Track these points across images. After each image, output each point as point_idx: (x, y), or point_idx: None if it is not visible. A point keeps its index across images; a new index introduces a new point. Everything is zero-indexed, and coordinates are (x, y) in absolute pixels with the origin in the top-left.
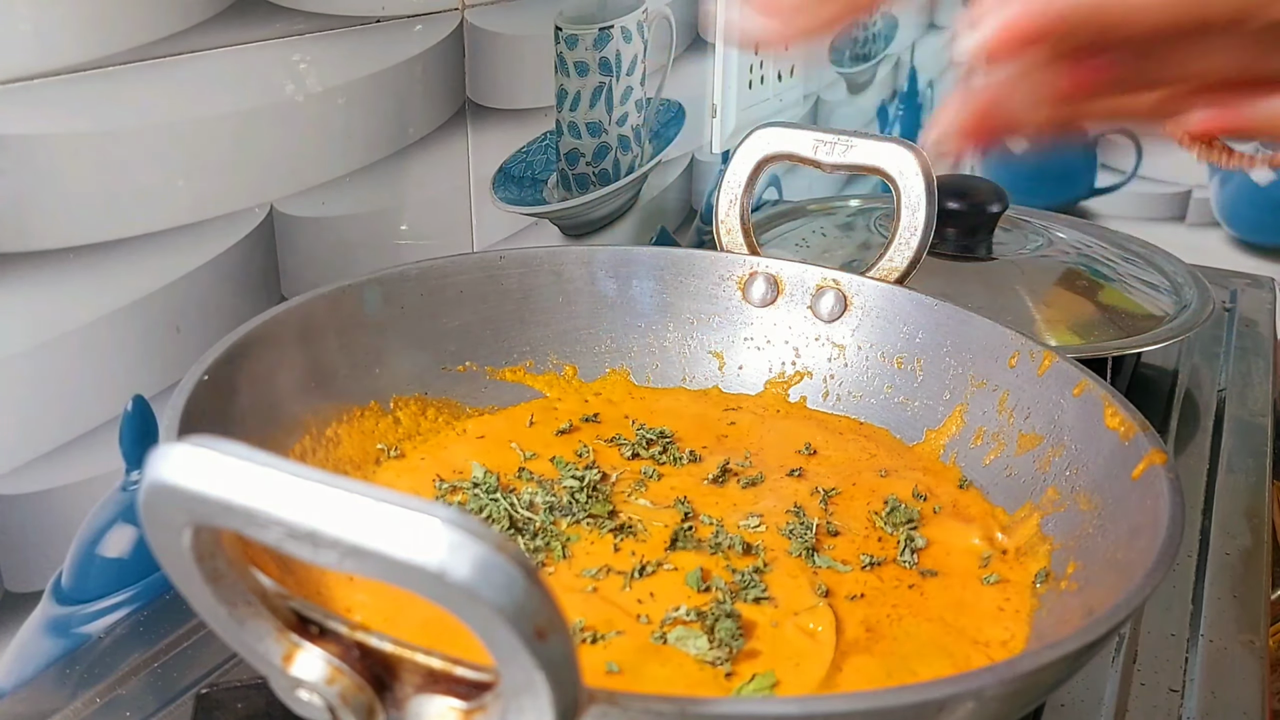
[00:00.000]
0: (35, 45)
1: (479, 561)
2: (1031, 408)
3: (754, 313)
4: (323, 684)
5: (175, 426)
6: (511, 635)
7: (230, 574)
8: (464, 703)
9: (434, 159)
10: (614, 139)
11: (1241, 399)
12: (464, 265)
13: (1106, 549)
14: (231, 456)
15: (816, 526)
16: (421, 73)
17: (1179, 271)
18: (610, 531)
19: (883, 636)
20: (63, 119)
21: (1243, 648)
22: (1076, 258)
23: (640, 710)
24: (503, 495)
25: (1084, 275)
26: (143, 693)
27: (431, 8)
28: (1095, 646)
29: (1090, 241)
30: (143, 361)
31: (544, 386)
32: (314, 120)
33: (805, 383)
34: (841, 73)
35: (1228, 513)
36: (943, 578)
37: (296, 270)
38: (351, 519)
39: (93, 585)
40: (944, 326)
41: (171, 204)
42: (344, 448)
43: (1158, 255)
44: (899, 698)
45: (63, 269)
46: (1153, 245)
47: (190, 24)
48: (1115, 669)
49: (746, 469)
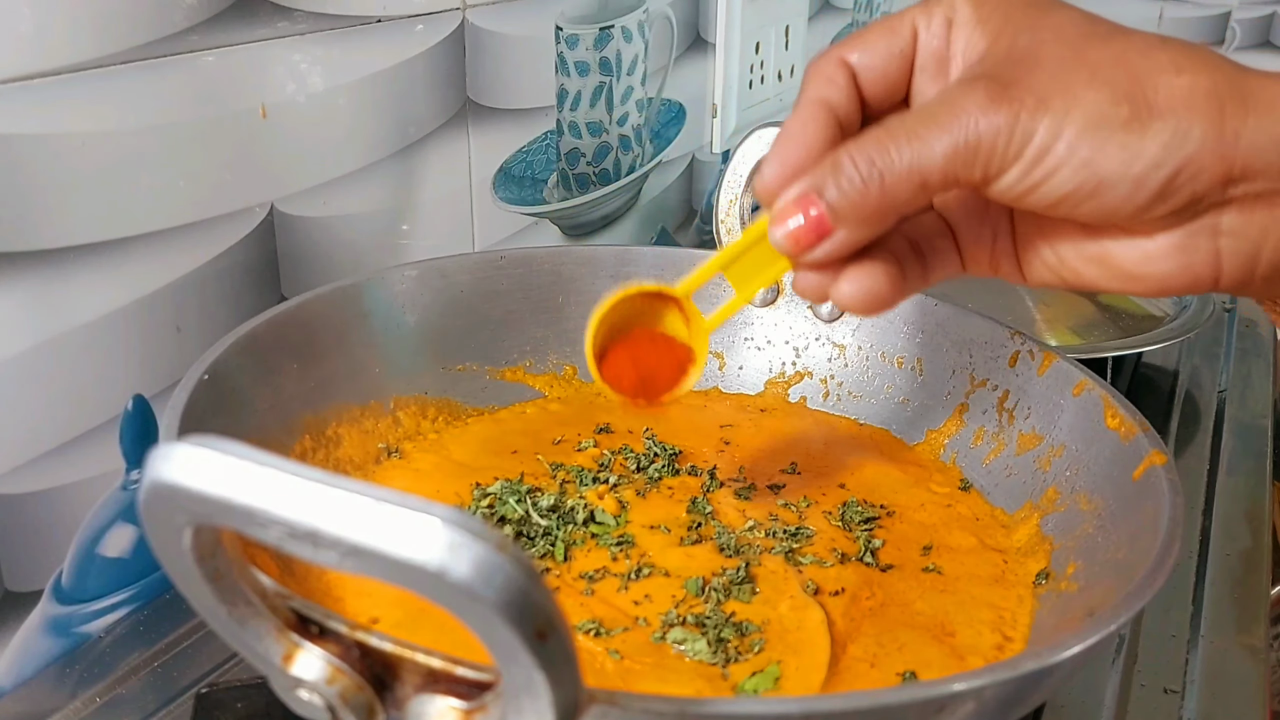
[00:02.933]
0: (35, 45)
1: (479, 561)
2: (1031, 408)
3: (754, 313)
4: (323, 683)
5: (175, 426)
6: (511, 635)
7: (230, 573)
8: (464, 702)
9: (434, 159)
10: (614, 139)
11: (1242, 400)
12: (464, 265)
13: (1107, 549)
14: (232, 456)
15: (816, 535)
16: (422, 73)
17: None
18: (611, 545)
19: (882, 636)
20: (63, 119)
21: (1243, 648)
22: None
23: (640, 710)
24: (526, 497)
25: None
26: (143, 692)
27: (432, 8)
28: (1095, 647)
29: None
30: (143, 361)
31: (544, 386)
32: (314, 120)
33: (805, 383)
34: None
35: (1228, 513)
36: (943, 577)
37: (296, 270)
38: (352, 518)
39: (93, 585)
40: (944, 326)
41: (171, 204)
42: (344, 447)
43: None
44: (899, 697)
45: (63, 268)
46: None
47: (190, 24)
48: (1115, 669)
49: (739, 481)
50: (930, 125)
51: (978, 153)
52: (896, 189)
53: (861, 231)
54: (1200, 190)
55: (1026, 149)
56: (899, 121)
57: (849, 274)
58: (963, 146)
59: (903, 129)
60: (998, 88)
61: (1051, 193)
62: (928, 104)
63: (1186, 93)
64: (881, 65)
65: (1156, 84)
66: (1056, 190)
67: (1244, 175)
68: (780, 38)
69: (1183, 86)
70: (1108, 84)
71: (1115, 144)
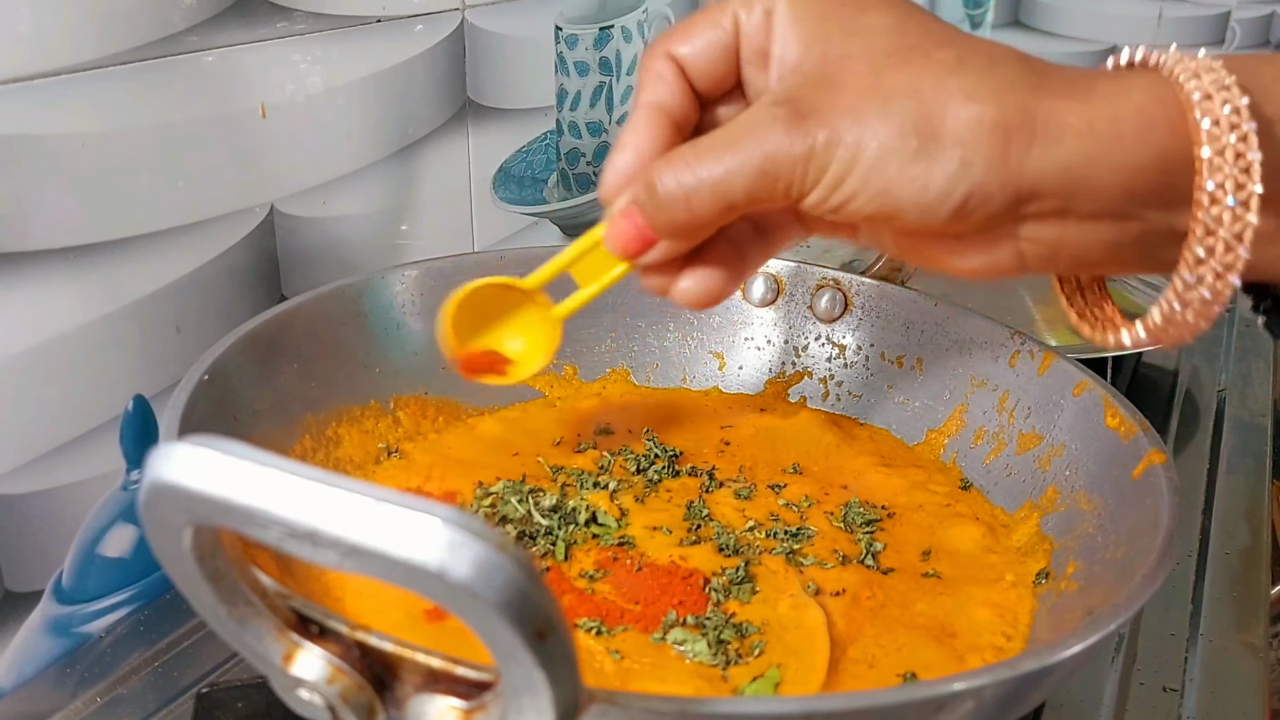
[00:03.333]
0: (35, 45)
1: (479, 561)
2: (1032, 408)
3: (754, 313)
4: (323, 683)
5: (176, 426)
6: (511, 634)
7: (230, 573)
8: (464, 702)
9: (434, 159)
10: (614, 139)
11: (1241, 399)
12: (464, 265)
13: (1106, 549)
14: (232, 456)
15: (817, 535)
16: (422, 73)
17: None
18: (612, 545)
19: (882, 637)
20: (63, 119)
21: (1242, 647)
22: None
23: (640, 710)
24: (528, 497)
25: None
26: (143, 693)
27: (432, 8)
28: (1095, 647)
29: None
30: (143, 361)
31: (544, 386)
32: (314, 120)
33: (805, 383)
34: None
35: (1228, 513)
36: (943, 578)
37: (296, 270)
38: (352, 518)
39: (93, 585)
40: (944, 326)
41: (171, 204)
42: (344, 447)
43: None
44: (899, 697)
45: (63, 269)
46: None
47: (190, 24)
48: (1115, 669)
49: (739, 481)
50: (731, 149)
51: (777, 179)
52: (703, 208)
53: (682, 243)
54: (993, 211)
55: (823, 178)
56: (706, 142)
57: (687, 274)
58: (762, 172)
59: (709, 151)
60: (796, 117)
61: (855, 213)
62: (733, 125)
63: (973, 124)
64: (706, 58)
65: (945, 114)
66: (859, 211)
67: (1032, 196)
68: None
69: (969, 118)
70: (898, 115)
71: (905, 176)
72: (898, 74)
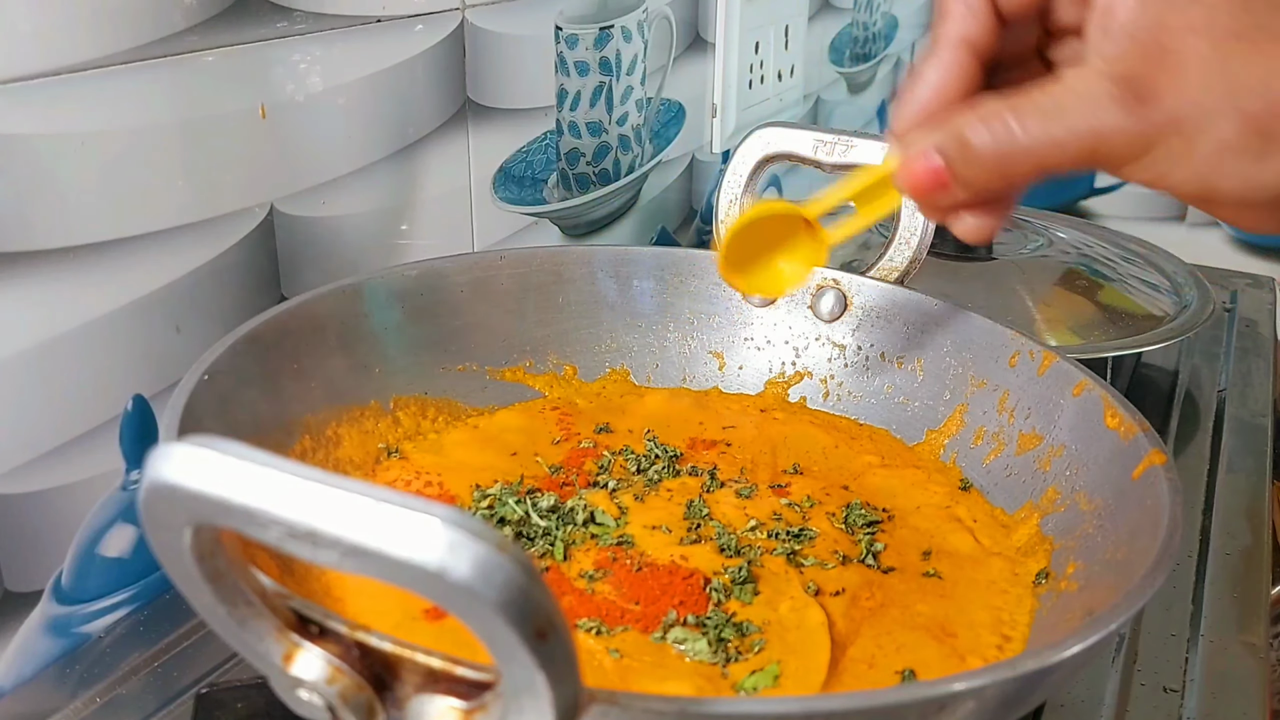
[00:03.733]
0: (35, 45)
1: (479, 561)
2: (1032, 408)
3: (754, 313)
4: (323, 683)
5: (175, 426)
6: (511, 634)
7: (230, 574)
8: (464, 702)
9: (434, 159)
10: (614, 139)
11: (1242, 399)
12: (464, 265)
13: (1106, 549)
14: (231, 456)
15: (818, 536)
16: (422, 73)
17: (1179, 271)
18: (611, 545)
19: (882, 637)
20: (63, 119)
21: (1243, 647)
22: (1076, 258)
23: (640, 710)
24: (526, 499)
25: (1084, 275)
26: (143, 693)
27: (432, 8)
28: (1095, 647)
29: (1090, 241)
30: (143, 361)
31: (544, 386)
32: (314, 120)
33: (805, 383)
34: (841, 72)
35: (1228, 513)
36: (944, 578)
37: (296, 270)
38: (351, 518)
39: (93, 585)
40: (944, 326)
41: (171, 204)
42: (344, 448)
43: (1158, 255)
44: (899, 697)
45: (63, 269)
46: (1153, 245)
47: (190, 24)
48: (1115, 669)
49: (740, 482)
50: (1061, 119)
51: (1098, 152)
52: (1016, 170)
53: (978, 195)
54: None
55: (1148, 159)
56: (1029, 106)
57: (970, 214)
58: (1089, 149)
59: (1034, 117)
60: (1135, 100)
61: (1167, 189)
62: (1059, 92)
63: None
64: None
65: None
66: (1172, 190)
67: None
68: (780, 37)
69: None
70: (1242, 113)
71: (1235, 172)
72: (1246, 63)
